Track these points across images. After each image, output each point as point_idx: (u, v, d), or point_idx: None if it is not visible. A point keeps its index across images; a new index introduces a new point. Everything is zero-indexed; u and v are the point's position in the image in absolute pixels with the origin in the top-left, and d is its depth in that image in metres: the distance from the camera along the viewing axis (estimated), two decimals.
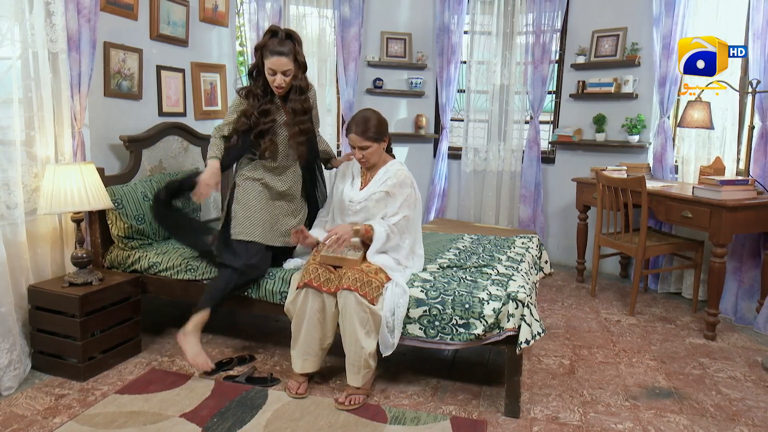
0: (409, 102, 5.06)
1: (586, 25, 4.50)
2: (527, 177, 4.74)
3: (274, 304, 2.65)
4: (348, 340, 2.38)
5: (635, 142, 4.26)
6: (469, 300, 2.33)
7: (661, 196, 3.45)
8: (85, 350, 2.54)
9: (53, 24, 2.59)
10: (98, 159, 2.97)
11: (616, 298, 3.93)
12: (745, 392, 2.61)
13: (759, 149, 3.37)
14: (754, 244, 3.45)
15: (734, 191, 3.09)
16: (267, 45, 2.53)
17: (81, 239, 2.65)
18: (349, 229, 2.46)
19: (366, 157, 2.59)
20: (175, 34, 3.54)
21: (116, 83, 3.12)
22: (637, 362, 2.90)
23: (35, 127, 2.60)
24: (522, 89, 4.72)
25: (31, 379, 2.55)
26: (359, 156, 2.59)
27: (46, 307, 2.56)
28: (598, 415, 2.37)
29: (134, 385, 2.51)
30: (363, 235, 2.50)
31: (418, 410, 2.36)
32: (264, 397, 2.43)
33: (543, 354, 2.97)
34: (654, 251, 3.53)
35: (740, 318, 3.48)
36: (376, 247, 2.48)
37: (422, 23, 4.93)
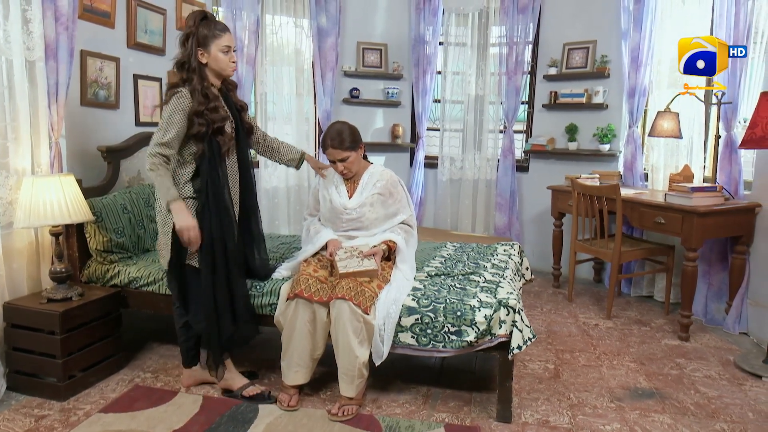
0: (386, 111, 5.10)
1: (557, 37, 4.64)
2: (502, 185, 4.84)
3: (262, 316, 2.61)
4: (341, 350, 2.37)
5: (606, 150, 4.41)
6: (461, 307, 2.35)
7: (635, 203, 3.58)
8: (66, 368, 2.45)
9: (30, 32, 2.51)
10: (75, 170, 2.88)
11: (592, 303, 4.04)
12: (722, 390, 2.71)
13: (724, 158, 3.53)
14: (722, 248, 3.61)
15: (704, 198, 3.23)
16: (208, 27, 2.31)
17: (60, 253, 2.56)
18: (381, 252, 2.56)
19: (347, 167, 2.62)
20: (153, 42, 3.48)
21: (93, 92, 3.04)
22: (618, 364, 2.99)
23: (10, 138, 2.50)
24: (496, 99, 4.83)
25: (7, 401, 2.44)
26: (341, 169, 2.63)
27: (24, 325, 2.46)
28: (586, 417, 2.42)
29: (118, 403, 2.43)
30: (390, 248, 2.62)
31: (411, 419, 2.37)
32: (255, 411, 2.39)
33: (528, 359, 3.02)
34: (629, 256, 3.65)
35: (710, 319, 3.62)
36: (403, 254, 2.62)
37: (398, 34, 4.99)
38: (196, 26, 2.31)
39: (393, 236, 2.63)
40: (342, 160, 2.60)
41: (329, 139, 2.59)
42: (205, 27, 2.32)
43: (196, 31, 2.31)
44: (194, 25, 2.31)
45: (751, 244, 3.39)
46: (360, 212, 2.63)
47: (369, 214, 2.63)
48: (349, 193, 2.69)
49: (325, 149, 2.61)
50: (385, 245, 2.59)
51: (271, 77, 4.54)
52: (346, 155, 2.59)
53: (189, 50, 2.31)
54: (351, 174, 2.66)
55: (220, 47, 2.33)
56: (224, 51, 2.35)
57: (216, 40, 2.32)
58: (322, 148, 2.64)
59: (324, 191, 2.75)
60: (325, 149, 2.61)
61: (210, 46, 2.32)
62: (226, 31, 2.36)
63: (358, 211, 2.63)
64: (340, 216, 2.65)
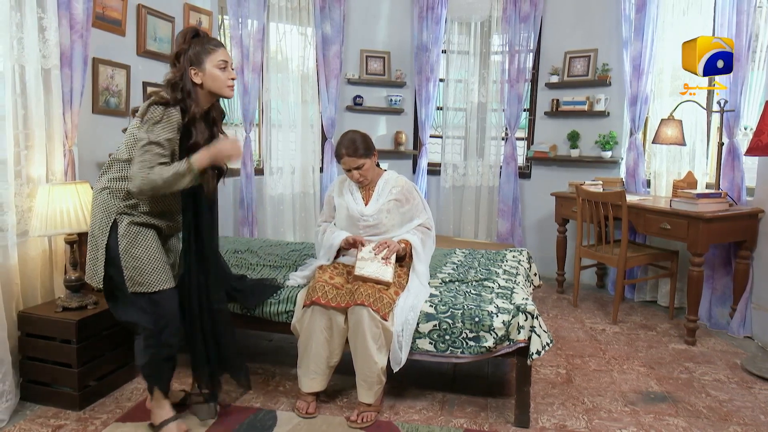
0: (389, 119, 5.13)
1: (559, 46, 4.71)
2: (505, 192, 4.88)
3: (279, 323, 2.61)
4: (360, 356, 2.38)
5: (608, 157, 4.47)
6: (479, 313, 2.37)
7: (640, 209, 3.63)
8: (82, 378, 2.43)
9: (46, 39, 2.51)
10: (87, 178, 2.87)
11: (597, 308, 4.08)
12: (732, 393, 2.75)
13: (727, 164, 3.60)
14: (725, 254, 3.67)
15: (709, 204, 3.29)
16: (201, 43, 2.12)
17: (75, 262, 2.54)
18: (396, 245, 2.57)
19: (363, 174, 2.65)
20: (161, 50, 3.49)
21: (104, 100, 3.04)
22: (628, 369, 3.02)
23: (26, 146, 2.49)
24: (498, 107, 4.87)
25: (22, 411, 2.42)
26: (357, 176, 2.66)
27: (38, 334, 2.44)
28: (602, 422, 2.45)
29: (135, 413, 2.42)
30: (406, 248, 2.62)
31: (430, 424, 2.38)
32: (273, 419, 2.39)
33: (539, 364, 3.04)
34: (634, 261, 3.70)
35: (714, 323, 3.67)
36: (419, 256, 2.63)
37: (400, 42, 5.03)
38: (187, 43, 2.11)
39: (409, 236, 2.65)
40: (357, 168, 2.63)
41: (343, 148, 2.62)
42: (197, 44, 2.11)
43: (188, 48, 2.10)
44: (185, 42, 2.11)
45: (755, 249, 3.45)
46: (377, 219, 2.65)
47: (386, 221, 2.66)
48: (365, 200, 2.71)
49: (340, 158, 2.63)
50: (402, 243, 2.61)
51: (275, 85, 4.56)
52: (361, 162, 2.62)
53: (181, 70, 2.09)
54: (367, 181, 2.69)
55: (215, 63, 2.12)
56: (221, 67, 2.13)
57: (210, 56, 2.11)
58: (337, 158, 2.66)
59: (339, 199, 2.76)
60: (339, 158, 2.64)
61: (204, 63, 2.10)
62: (221, 47, 2.16)
63: (376, 217, 2.65)
64: (357, 223, 2.67)
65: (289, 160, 4.67)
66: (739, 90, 3.48)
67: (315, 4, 4.57)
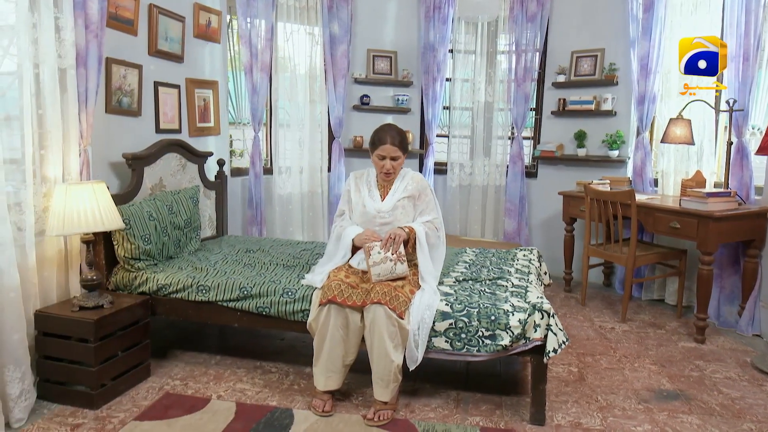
0: (396, 118, 5.13)
1: (565, 45, 4.72)
2: (511, 191, 4.89)
3: (294, 322, 2.62)
4: (376, 354, 2.39)
5: (615, 156, 4.48)
6: (495, 312, 2.39)
7: (649, 208, 3.64)
8: (99, 376, 2.43)
9: (62, 39, 2.52)
10: (100, 177, 2.88)
11: (604, 306, 4.10)
12: (743, 391, 2.77)
13: (736, 163, 3.62)
14: (733, 252, 3.68)
15: (719, 203, 3.31)
16: None
17: (91, 261, 2.55)
18: (402, 233, 2.55)
19: (395, 167, 2.68)
20: (172, 50, 3.49)
21: (117, 100, 3.04)
22: (640, 367, 3.03)
23: (42, 145, 2.50)
24: (505, 106, 4.88)
25: (39, 410, 2.42)
26: (389, 167, 2.66)
27: (56, 333, 2.45)
28: (617, 419, 2.46)
29: (152, 411, 2.42)
30: (409, 234, 2.60)
31: (446, 422, 2.39)
32: (290, 418, 2.40)
33: (551, 363, 3.04)
34: (643, 260, 3.71)
35: (723, 321, 3.69)
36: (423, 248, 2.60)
37: (407, 41, 5.04)
38: None
39: (414, 225, 2.63)
40: (393, 159, 2.64)
41: (390, 136, 2.62)
42: None
43: None
44: None
45: (764, 248, 3.47)
46: (393, 215, 2.66)
47: (401, 216, 2.67)
48: (382, 196, 2.72)
49: (383, 143, 2.62)
50: (406, 228, 2.59)
51: (283, 84, 4.56)
52: (398, 155, 2.65)
53: None
54: (394, 175, 2.71)
55: None
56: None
57: None
58: (379, 142, 2.64)
59: (355, 195, 2.76)
60: (382, 143, 2.62)
61: None
62: None
63: (392, 214, 2.66)
64: (373, 219, 2.67)
65: (297, 159, 4.68)
66: (748, 89, 3.50)
67: (323, 4, 4.58)
